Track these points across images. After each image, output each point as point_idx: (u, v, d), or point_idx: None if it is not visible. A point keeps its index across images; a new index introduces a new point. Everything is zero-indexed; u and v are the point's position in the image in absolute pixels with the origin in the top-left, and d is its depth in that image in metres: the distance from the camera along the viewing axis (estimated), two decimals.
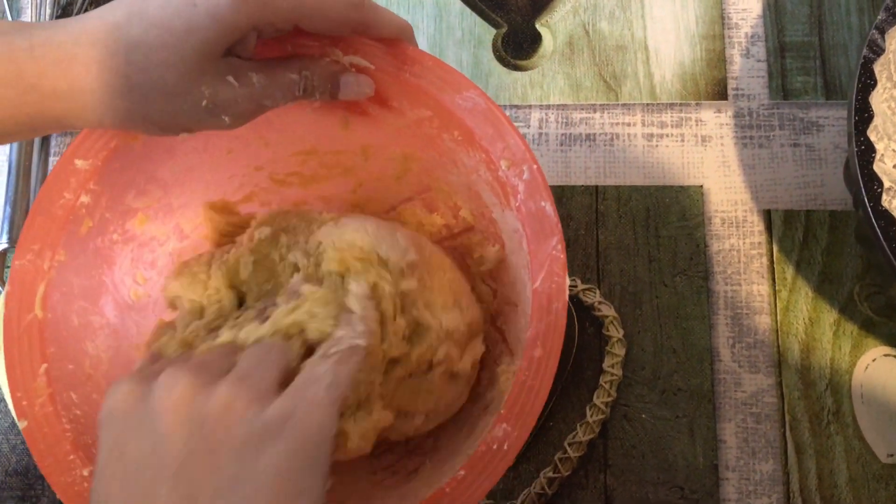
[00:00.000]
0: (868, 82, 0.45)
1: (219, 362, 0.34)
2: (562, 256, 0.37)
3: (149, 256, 0.46)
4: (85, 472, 0.38)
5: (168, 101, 0.35)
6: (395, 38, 0.40)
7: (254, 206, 0.50)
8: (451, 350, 0.42)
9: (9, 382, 0.39)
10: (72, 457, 0.38)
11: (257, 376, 0.32)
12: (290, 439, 0.30)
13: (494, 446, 0.36)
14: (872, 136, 0.45)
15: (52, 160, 0.61)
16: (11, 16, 0.65)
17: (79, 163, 0.41)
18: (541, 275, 0.37)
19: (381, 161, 0.48)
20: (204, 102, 0.36)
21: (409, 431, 0.43)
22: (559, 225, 0.38)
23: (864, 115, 0.44)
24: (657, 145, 0.56)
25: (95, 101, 0.35)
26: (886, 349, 0.51)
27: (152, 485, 0.30)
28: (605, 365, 0.52)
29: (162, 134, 0.37)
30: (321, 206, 0.50)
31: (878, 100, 0.48)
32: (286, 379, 0.33)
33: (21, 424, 0.39)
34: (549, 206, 0.38)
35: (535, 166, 0.38)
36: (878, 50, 0.45)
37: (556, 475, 0.50)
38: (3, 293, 0.40)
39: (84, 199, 0.41)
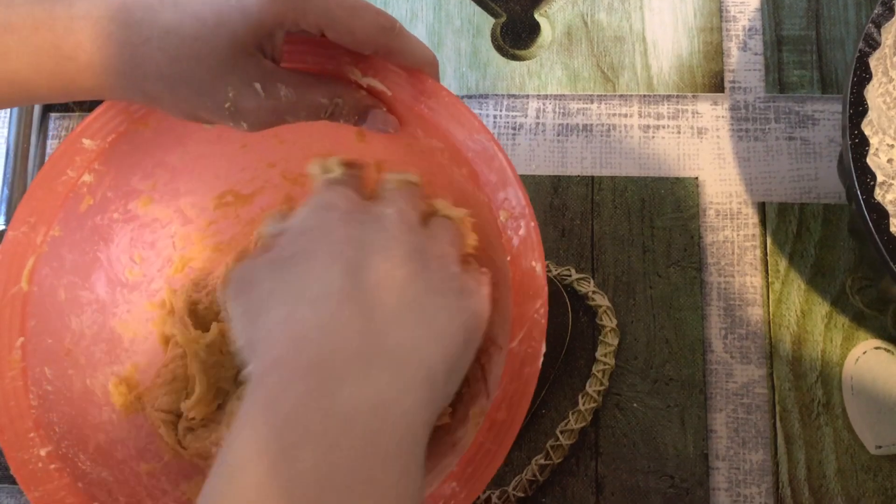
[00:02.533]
0: (863, 76, 0.45)
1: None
2: (543, 322, 0.36)
3: (149, 237, 0.47)
4: (42, 452, 0.38)
5: (193, 94, 0.35)
6: (418, 70, 0.39)
7: (265, 198, 0.50)
8: None
9: None
10: (32, 434, 0.38)
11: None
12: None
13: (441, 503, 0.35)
14: (867, 130, 0.45)
15: (51, 143, 0.61)
16: None
17: (86, 142, 0.41)
18: (519, 335, 0.37)
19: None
20: (227, 105, 0.36)
21: None
22: (546, 288, 0.37)
23: (858, 109, 0.45)
24: (653, 136, 0.57)
25: (125, 83, 0.35)
26: (877, 342, 0.51)
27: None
28: (598, 354, 0.52)
29: (181, 117, 0.37)
30: None
31: (873, 94, 0.49)
32: None
33: None
34: (539, 267, 0.37)
35: (532, 224, 0.38)
36: (874, 44, 0.46)
37: (547, 462, 0.50)
38: None
39: (87, 177, 0.41)
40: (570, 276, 0.53)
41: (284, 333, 0.30)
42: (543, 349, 0.36)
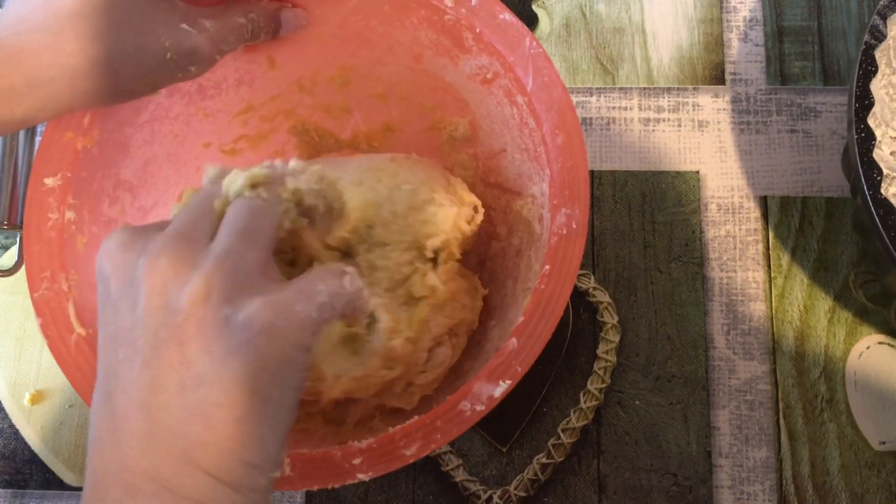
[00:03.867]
0: (869, 69, 0.44)
1: (208, 222, 0.31)
2: (542, 51, 0.38)
3: None
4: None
5: (134, 62, 0.35)
6: None
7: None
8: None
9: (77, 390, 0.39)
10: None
11: (238, 256, 0.29)
12: (264, 352, 0.28)
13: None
14: (871, 123, 0.45)
15: (39, 140, 0.59)
16: None
17: (49, 181, 0.40)
18: (529, 76, 0.38)
19: (321, 88, 0.48)
20: (168, 55, 0.36)
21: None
22: (526, 27, 0.39)
23: (864, 103, 0.44)
24: (654, 130, 0.56)
25: (59, 89, 0.35)
26: (881, 337, 0.51)
27: (125, 365, 0.29)
28: (600, 351, 0.51)
29: (131, 98, 0.37)
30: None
31: (877, 86, 0.48)
32: (270, 251, 0.31)
33: None
34: (507, 16, 0.39)
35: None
36: (879, 36, 0.45)
37: (549, 461, 0.49)
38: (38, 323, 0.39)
39: (69, 214, 0.40)
40: None
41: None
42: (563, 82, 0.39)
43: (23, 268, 0.56)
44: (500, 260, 0.47)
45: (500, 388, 0.35)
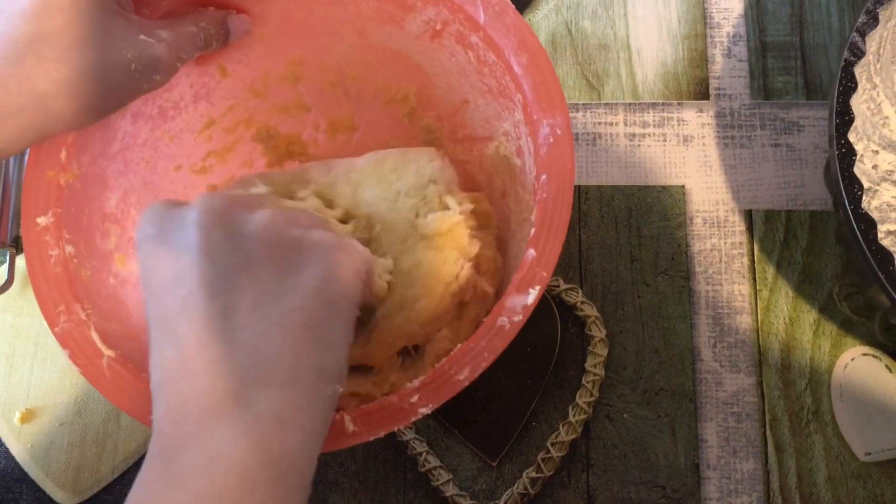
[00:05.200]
0: (849, 85, 0.45)
1: (258, 200, 0.35)
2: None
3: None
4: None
5: (101, 78, 0.36)
6: None
7: None
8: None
9: None
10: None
11: (300, 212, 0.34)
12: (329, 264, 0.32)
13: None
14: (852, 138, 0.45)
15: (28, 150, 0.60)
16: None
17: (41, 220, 0.40)
18: (479, 8, 0.40)
19: (274, 90, 0.48)
20: (132, 66, 0.37)
21: None
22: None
23: (844, 119, 0.45)
24: (639, 145, 0.56)
25: (29, 117, 0.35)
26: (865, 348, 0.51)
27: (189, 302, 0.30)
28: (588, 365, 0.52)
29: (102, 115, 0.38)
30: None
31: (857, 101, 0.49)
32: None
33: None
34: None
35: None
36: (858, 53, 0.46)
37: (538, 475, 0.50)
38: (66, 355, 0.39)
39: (69, 248, 0.40)
40: (558, 286, 0.53)
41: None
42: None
43: (12, 287, 0.56)
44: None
45: (532, 296, 0.36)
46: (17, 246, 0.57)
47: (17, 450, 0.53)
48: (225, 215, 0.32)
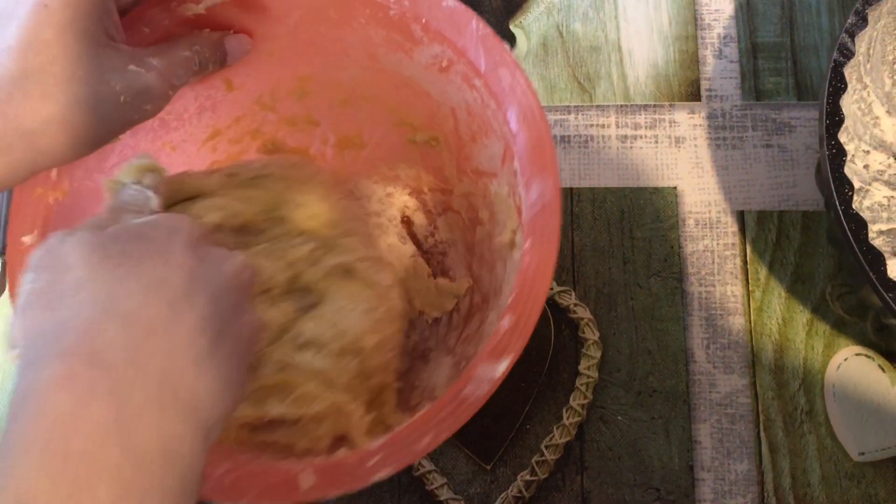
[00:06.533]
0: (839, 86, 0.45)
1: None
2: (489, 31, 0.39)
3: None
4: None
5: (89, 112, 0.35)
6: None
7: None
8: None
9: None
10: None
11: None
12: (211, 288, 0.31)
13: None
14: (843, 138, 0.46)
15: None
16: None
17: (27, 239, 0.40)
18: (481, 57, 0.39)
19: (282, 103, 0.48)
20: (122, 98, 0.36)
21: None
22: (471, 10, 0.39)
23: (834, 119, 0.45)
24: (631, 147, 0.56)
25: (18, 154, 0.34)
26: (858, 348, 0.51)
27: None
28: (581, 367, 0.52)
29: (93, 149, 0.37)
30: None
31: (847, 102, 0.49)
32: None
33: None
34: (451, 1, 0.39)
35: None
36: (848, 54, 0.46)
37: (533, 478, 0.50)
38: None
39: None
40: (551, 289, 0.53)
41: (83, 341, 0.28)
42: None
43: (4, 293, 0.56)
44: (487, 244, 0.47)
45: (503, 366, 0.35)
46: (4, 254, 0.57)
47: None
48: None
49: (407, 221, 0.53)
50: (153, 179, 0.36)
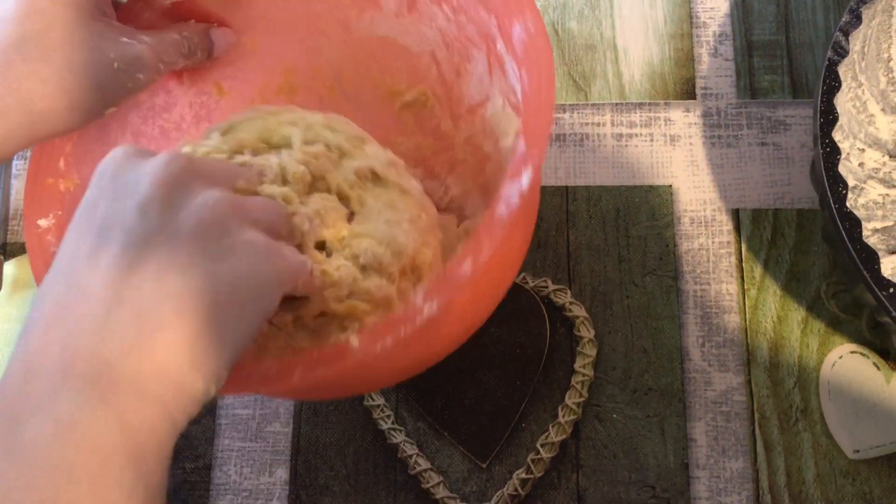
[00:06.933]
0: (833, 84, 0.45)
1: (217, 176, 0.34)
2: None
3: None
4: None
5: (85, 75, 0.37)
6: None
7: None
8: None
9: None
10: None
11: (252, 203, 0.33)
12: (250, 268, 0.30)
13: None
14: (837, 136, 0.46)
15: (14, 183, 0.60)
16: None
17: (42, 222, 0.40)
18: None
19: (273, 104, 0.48)
20: (116, 64, 0.38)
21: None
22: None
23: (829, 118, 0.45)
24: (626, 145, 0.56)
25: (16, 118, 0.35)
26: (853, 346, 0.51)
27: (107, 245, 0.29)
28: (577, 365, 0.52)
29: (88, 117, 0.38)
30: None
31: (842, 100, 0.49)
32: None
33: None
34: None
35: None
36: (842, 52, 0.46)
37: (528, 476, 0.50)
38: None
39: None
40: (546, 287, 0.53)
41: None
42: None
43: (1, 292, 0.56)
44: (500, 174, 0.46)
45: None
46: (4, 252, 0.57)
47: None
48: (176, 182, 0.31)
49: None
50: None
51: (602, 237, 0.55)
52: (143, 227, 0.29)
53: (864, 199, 0.51)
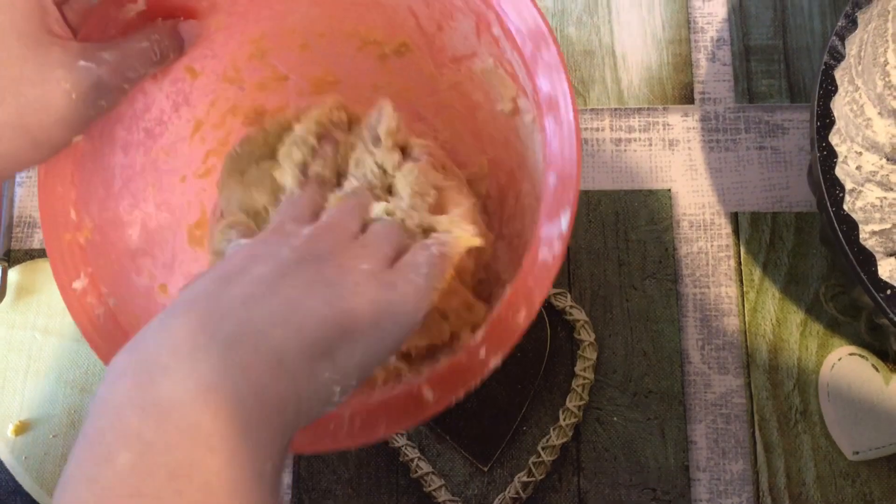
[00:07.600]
0: (829, 88, 0.46)
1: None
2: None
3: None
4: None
5: (41, 112, 0.35)
6: None
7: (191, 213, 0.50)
8: None
9: None
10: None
11: (377, 246, 0.35)
12: (391, 288, 0.33)
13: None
14: (835, 140, 0.46)
15: (18, 190, 0.60)
16: None
17: (77, 284, 0.41)
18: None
19: (247, 72, 0.48)
20: (73, 95, 0.36)
21: None
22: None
23: (825, 122, 0.45)
24: (625, 150, 0.57)
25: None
26: (852, 348, 0.52)
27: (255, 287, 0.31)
28: (577, 369, 0.52)
29: (54, 150, 0.37)
30: None
31: (839, 104, 0.49)
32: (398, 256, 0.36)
33: None
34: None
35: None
36: (838, 56, 0.46)
37: (530, 479, 0.50)
38: None
39: (112, 301, 0.41)
40: None
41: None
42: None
43: (5, 299, 0.56)
44: (492, 123, 0.47)
45: (564, 220, 0.34)
46: (8, 259, 0.57)
47: (11, 462, 0.53)
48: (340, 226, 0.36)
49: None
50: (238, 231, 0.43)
51: (602, 241, 0.55)
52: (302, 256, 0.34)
53: (862, 201, 0.51)
